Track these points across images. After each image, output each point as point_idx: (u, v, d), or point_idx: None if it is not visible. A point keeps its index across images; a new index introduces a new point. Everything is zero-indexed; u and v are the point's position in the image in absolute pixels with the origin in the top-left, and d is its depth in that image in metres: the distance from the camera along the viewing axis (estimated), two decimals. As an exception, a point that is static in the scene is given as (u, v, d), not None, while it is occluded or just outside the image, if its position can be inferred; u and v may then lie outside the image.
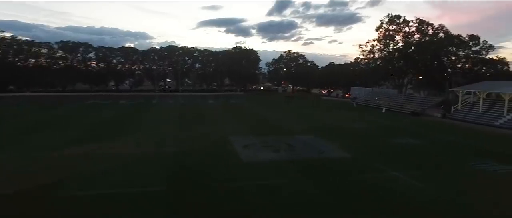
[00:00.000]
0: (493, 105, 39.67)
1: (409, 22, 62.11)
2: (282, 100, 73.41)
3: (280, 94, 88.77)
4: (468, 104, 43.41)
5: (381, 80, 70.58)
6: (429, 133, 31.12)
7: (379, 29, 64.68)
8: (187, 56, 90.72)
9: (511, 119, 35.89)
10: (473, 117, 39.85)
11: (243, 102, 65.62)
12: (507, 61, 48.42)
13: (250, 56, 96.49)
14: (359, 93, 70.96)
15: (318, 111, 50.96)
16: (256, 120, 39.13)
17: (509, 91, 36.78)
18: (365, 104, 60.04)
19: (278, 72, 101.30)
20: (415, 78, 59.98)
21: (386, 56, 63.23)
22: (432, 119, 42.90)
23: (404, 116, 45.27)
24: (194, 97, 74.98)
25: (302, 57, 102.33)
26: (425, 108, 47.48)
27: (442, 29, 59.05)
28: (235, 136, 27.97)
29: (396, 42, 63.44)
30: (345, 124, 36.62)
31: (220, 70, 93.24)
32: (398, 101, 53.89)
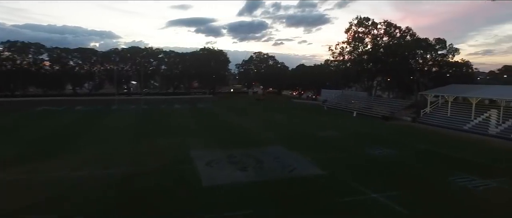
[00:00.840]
0: (461, 109, 39.79)
1: (378, 25, 62.14)
2: (252, 103, 71.17)
3: (251, 97, 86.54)
4: (436, 108, 43.44)
5: (351, 82, 70.24)
6: (402, 140, 30.04)
7: (348, 31, 64.11)
8: (152, 57, 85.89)
9: (479, 123, 35.93)
10: (442, 121, 39.73)
11: (211, 106, 62.56)
12: (471, 64, 49.52)
13: (219, 57, 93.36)
14: (330, 95, 70.38)
15: (288, 115, 49.14)
16: (223, 128, 36.43)
17: (476, 96, 36.84)
18: (336, 108, 59.21)
19: (248, 74, 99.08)
20: (384, 81, 60.04)
21: (355, 58, 62.82)
22: (403, 123, 42.44)
23: (375, 120, 44.53)
24: (159, 101, 70.76)
25: (272, 58, 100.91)
26: (395, 111, 47.15)
27: (409, 32, 59.51)
28: (199, 149, 25.16)
29: (365, 44, 63.24)
30: (317, 130, 34.89)
31: (187, 72, 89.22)
32: (369, 105, 53.41)
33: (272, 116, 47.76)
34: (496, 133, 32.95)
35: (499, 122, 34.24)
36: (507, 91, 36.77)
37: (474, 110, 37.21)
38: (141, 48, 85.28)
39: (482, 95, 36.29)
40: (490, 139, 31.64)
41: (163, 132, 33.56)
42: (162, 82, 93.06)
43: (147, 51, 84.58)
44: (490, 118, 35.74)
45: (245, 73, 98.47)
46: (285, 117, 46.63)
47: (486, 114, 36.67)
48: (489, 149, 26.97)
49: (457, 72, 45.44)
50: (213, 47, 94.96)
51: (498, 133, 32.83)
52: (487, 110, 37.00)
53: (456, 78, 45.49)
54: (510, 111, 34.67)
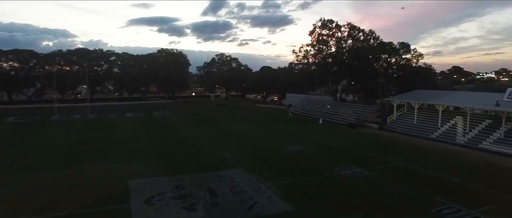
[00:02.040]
0: (427, 116, 38.73)
1: (341, 27, 60.90)
2: (214, 109, 66.85)
3: (213, 102, 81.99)
4: (402, 114, 42.24)
5: (316, 86, 68.64)
6: (374, 155, 27.62)
7: (312, 34, 62.31)
8: (103, 59, 78.31)
9: (446, 131, 34.84)
10: (409, 128, 38.40)
11: (168, 114, 57.36)
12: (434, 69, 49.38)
13: (179, 59, 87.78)
14: (295, 100, 67.97)
15: (251, 124, 45.64)
16: (176, 144, 31.93)
17: (442, 103, 35.76)
18: (301, 113, 56.78)
19: (210, 77, 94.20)
20: (349, 85, 58.82)
21: (320, 61, 61.05)
22: (370, 131, 40.64)
23: (342, 129, 42.38)
24: (110, 109, 64.05)
25: (235, 60, 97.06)
26: (361, 118, 45.46)
27: (372, 35, 58.89)
28: (141, 177, 20.70)
29: (329, 47, 61.70)
30: (281, 144, 31.65)
31: (144, 76, 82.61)
32: (334, 110, 51.47)
33: (234, 125, 43.96)
34: (464, 142, 31.83)
35: (465, 130, 33.27)
36: (472, 98, 36.11)
37: (441, 117, 36.16)
38: (90, 50, 77.36)
39: (448, 103, 35.31)
40: (459, 149, 30.33)
41: (103, 152, 28.41)
42: (116, 87, 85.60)
43: (97, 52, 76.85)
44: (456, 125, 34.79)
45: (207, 76, 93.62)
46: (247, 127, 43.04)
47: (452, 121, 35.75)
48: (462, 164, 25.26)
49: (421, 77, 44.75)
50: (171, 49, 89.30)
51: (466, 142, 31.73)
52: (453, 117, 36.10)
53: (420, 82, 44.71)
54: (475, 118, 33.83)
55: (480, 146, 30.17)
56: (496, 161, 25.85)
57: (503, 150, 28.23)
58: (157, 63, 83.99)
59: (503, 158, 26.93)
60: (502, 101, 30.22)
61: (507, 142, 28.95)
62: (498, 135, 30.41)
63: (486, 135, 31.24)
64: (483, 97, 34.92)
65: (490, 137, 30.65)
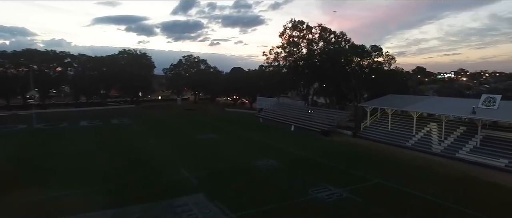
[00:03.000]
0: (402, 122, 37.43)
1: (312, 29, 58.92)
2: (180, 114, 62.66)
3: (180, 106, 77.40)
4: (376, 120, 40.78)
5: (287, 89, 66.39)
6: (350, 171, 25.30)
7: (283, 35, 59.83)
8: (57, 62, 71.28)
9: (421, 139, 33.53)
10: (383, 136, 36.87)
11: (128, 122, 52.55)
12: (406, 73, 48.56)
13: (142, 60, 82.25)
14: (266, 103, 65.36)
15: (218, 132, 42.29)
16: (130, 162, 27.85)
17: (416, 110, 34.42)
18: (272, 119, 54.22)
19: (178, 79, 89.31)
20: (321, 88, 57.00)
21: (291, 64, 58.74)
22: (344, 139, 38.69)
23: (315, 137, 40.14)
24: (64, 116, 57.96)
25: (203, 62, 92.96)
26: (334, 124, 43.55)
27: (344, 37, 57.48)
28: (76, 213, 16.81)
29: (300, 49, 59.57)
30: (250, 158, 28.63)
31: (104, 79, 76.25)
32: (307, 116, 49.31)
33: (199, 135, 40.37)
34: (440, 151, 30.53)
35: (441, 137, 32.06)
36: (446, 104, 35.09)
37: (415, 123, 34.85)
38: (40, 51, 70.01)
39: (424, 110, 34.01)
40: (436, 159, 28.91)
41: (39, 175, 23.91)
42: (73, 91, 78.36)
43: (49, 54, 69.70)
44: (431, 132, 33.57)
45: (174, 79, 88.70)
46: (214, 137, 39.63)
47: (426, 128, 34.54)
48: (444, 180, 23.55)
49: (394, 81, 43.63)
50: (134, 50, 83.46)
51: (442, 151, 30.45)
52: (427, 123, 34.93)
53: (393, 86, 43.55)
54: (449, 124, 32.73)
55: (457, 155, 28.93)
56: (475, 173, 24.49)
57: (480, 159, 27.05)
58: (119, 65, 78.06)
59: (481, 169, 25.69)
60: (477, 108, 29.15)
61: (483, 151, 27.86)
62: (474, 143, 29.33)
63: (461, 143, 30.11)
64: (457, 104, 33.98)
65: (466, 145, 29.52)
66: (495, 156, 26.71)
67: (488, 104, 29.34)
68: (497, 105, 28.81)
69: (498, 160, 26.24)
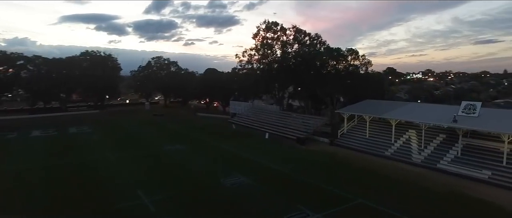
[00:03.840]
0: (380, 129, 35.92)
1: (287, 30, 56.78)
2: (146, 121, 58.40)
3: (148, 111, 72.68)
4: (354, 127, 39.10)
5: (261, 93, 63.94)
6: (328, 187, 23.03)
7: (256, 37, 57.28)
8: (8, 64, 64.56)
9: (400, 148, 32.04)
10: (361, 144, 35.16)
11: (88, 131, 47.82)
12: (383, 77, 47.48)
13: (107, 62, 76.77)
14: (240, 108, 62.47)
15: (187, 142, 38.97)
16: (80, 183, 23.98)
17: (395, 117, 32.88)
18: (246, 125, 51.48)
19: (147, 82, 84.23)
20: (296, 92, 54.99)
21: (265, 67, 56.30)
22: (321, 147, 36.61)
23: (290, 145, 37.83)
24: (14, 124, 52.16)
25: (174, 64, 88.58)
26: (311, 131, 41.48)
27: (319, 39, 55.82)
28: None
29: (274, 51, 57.26)
30: (220, 173, 25.67)
31: (65, 82, 70.11)
32: (282, 122, 46.99)
33: (166, 146, 36.83)
34: (421, 161, 29.10)
35: (421, 146, 30.69)
36: (425, 111, 33.84)
37: (394, 131, 33.35)
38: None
39: (403, 118, 32.49)
40: (418, 171, 27.41)
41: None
42: (29, 96, 71.44)
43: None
44: (411, 140, 32.22)
45: (142, 81, 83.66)
46: (181, 148, 36.26)
47: (405, 135, 33.17)
48: (429, 196, 21.79)
49: (371, 85, 42.25)
50: (98, 51, 77.68)
51: (423, 161, 29.02)
52: (406, 130, 33.57)
53: (370, 90, 42.13)
54: (429, 132, 31.41)
55: (438, 165, 27.56)
56: (460, 187, 23.02)
57: (463, 171, 25.75)
58: (81, 68, 72.26)
59: (465, 182, 24.36)
60: (458, 116, 27.93)
61: (465, 161, 26.62)
62: (455, 152, 28.08)
63: (442, 152, 28.81)
64: (436, 111, 32.73)
65: (447, 155, 28.23)
66: (477, 167, 25.49)
67: (468, 112, 28.21)
68: (477, 113, 27.72)
69: (481, 171, 25.00)
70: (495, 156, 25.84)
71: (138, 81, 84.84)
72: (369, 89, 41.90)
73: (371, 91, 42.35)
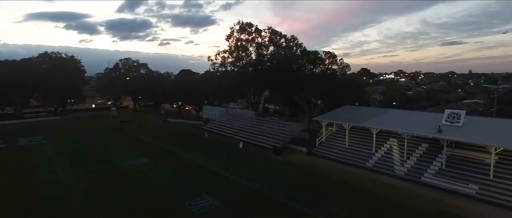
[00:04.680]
0: (360, 137, 34.00)
1: (262, 32, 54.22)
2: (112, 128, 53.83)
3: (114, 117, 67.56)
4: (332, 134, 37.06)
5: (236, 97, 61.05)
6: (309, 210, 20.51)
7: (230, 38, 54.30)
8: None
9: (382, 158, 30.21)
10: (341, 154, 33.10)
11: (42, 141, 42.88)
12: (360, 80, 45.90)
13: (69, 64, 70.90)
14: (213, 113, 59.12)
15: (151, 154, 35.37)
16: (14, 216, 20.06)
17: (376, 126, 30.95)
18: (219, 132, 48.38)
19: (114, 85, 78.66)
20: (272, 97, 52.56)
21: (239, 70, 53.43)
22: (299, 158, 34.23)
23: (266, 156, 35.18)
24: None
25: (144, 66, 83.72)
26: (287, 139, 39.03)
27: (295, 41, 53.71)
28: None
29: (249, 53, 54.52)
30: (183, 196, 22.53)
31: (20, 86, 63.65)
32: (257, 129, 44.30)
33: (128, 160, 33.02)
34: (404, 173, 27.34)
35: (403, 156, 28.97)
36: (407, 119, 32.18)
37: (375, 140, 31.49)
38: None
39: (384, 127, 30.51)
40: (402, 185, 25.60)
41: None
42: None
43: None
44: (392, 150, 30.45)
45: (108, 85, 78.14)
46: (146, 162, 32.63)
47: (386, 145, 31.39)
48: (416, 216, 19.79)
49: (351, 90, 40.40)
50: (59, 53, 71.54)
51: (406, 173, 27.27)
52: (387, 139, 31.79)
53: (349, 96, 40.29)
54: (410, 141, 29.66)
55: (422, 179, 25.85)
56: (448, 205, 21.27)
57: (448, 185, 24.12)
58: (40, 70, 66.10)
59: (452, 198, 22.73)
60: (442, 125, 26.36)
61: (450, 173, 25.04)
62: (439, 164, 26.51)
63: (425, 164, 27.17)
64: (419, 119, 31.17)
65: (431, 167, 26.60)
66: (463, 180, 23.93)
67: (452, 121, 26.73)
68: (462, 122, 26.27)
69: (468, 185, 23.44)
70: (481, 168, 24.42)
71: (104, 85, 79.23)
72: (347, 94, 40.05)
73: (350, 96, 40.56)
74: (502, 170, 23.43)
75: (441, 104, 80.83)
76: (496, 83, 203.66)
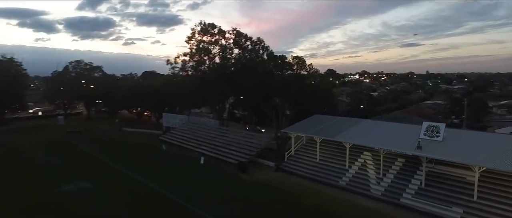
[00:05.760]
0: (332, 151, 31.22)
1: (226, 33, 50.21)
2: (57, 141, 47.19)
3: (61, 127, 60.13)
4: (303, 147, 34.02)
5: (198, 105, 56.60)
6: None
7: (191, 40, 49.74)
8: None
9: (356, 175, 27.52)
10: (312, 170, 30.06)
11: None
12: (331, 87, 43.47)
13: (8, 68, 62.42)
14: (174, 121, 54.21)
15: (94, 176, 30.22)
16: None
17: (349, 141, 28.16)
18: (179, 144, 43.86)
19: (64, 90, 70.54)
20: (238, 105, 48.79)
21: (202, 75, 49.00)
22: (266, 175, 30.74)
23: (229, 174, 31.33)
24: None
25: (98, 69, 76.48)
26: (254, 153, 35.48)
27: (261, 44, 50.23)
28: None
29: (213, 57, 50.27)
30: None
31: None
32: (221, 140, 40.37)
33: (64, 183, 27.66)
34: (381, 193, 24.76)
35: (379, 173, 26.45)
36: (382, 131, 29.66)
37: (348, 154, 28.74)
38: None
39: (359, 142, 27.74)
40: (380, 208, 22.94)
41: None
42: None
43: None
44: (367, 166, 27.85)
45: (55, 90, 70.04)
46: (85, 186, 27.48)
47: (360, 159, 28.79)
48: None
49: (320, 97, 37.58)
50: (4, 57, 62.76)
51: (383, 193, 24.71)
52: (361, 153, 29.20)
53: (319, 104, 37.48)
54: (387, 156, 27.14)
55: (402, 200, 23.39)
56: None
57: (430, 207, 21.80)
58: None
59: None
60: (422, 139, 24.05)
61: (431, 194, 22.77)
62: (418, 182, 24.19)
63: (404, 182, 24.77)
64: (395, 131, 28.68)
65: (409, 186, 24.24)
66: (446, 202, 21.69)
67: (431, 135, 24.53)
68: (441, 136, 24.11)
69: (451, 208, 21.20)
70: (464, 188, 22.31)
71: (52, 90, 71.09)
72: (317, 102, 37.25)
73: (320, 104, 37.82)
74: (487, 190, 21.44)
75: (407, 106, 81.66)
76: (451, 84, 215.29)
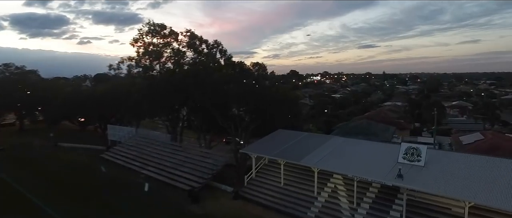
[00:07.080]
0: (298, 174, 27.12)
1: (179, 35, 44.47)
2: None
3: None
4: (265, 168, 29.68)
5: (146, 116, 50.16)
6: None
7: (137, 43, 43.38)
8: None
9: (327, 204, 23.67)
10: (275, 197, 25.78)
11: None
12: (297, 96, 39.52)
13: None
14: (121, 134, 47.48)
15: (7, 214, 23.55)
16: None
17: (318, 166, 24.09)
18: (124, 163, 37.69)
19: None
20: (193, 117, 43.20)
21: (149, 83, 42.77)
22: (222, 207, 25.81)
23: (177, 206, 26.05)
24: None
25: (33, 73, 66.77)
26: (210, 176, 30.47)
27: (218, 47, 45.10)
28: None
29: (164, 62, 44.31)
30: None
31: None
32: (172, 160, 34.92)
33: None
34: (356, 228, 21.01)
35: (352, 202, 22.78)
36: (355, 152, 25.90)
37: (316, 179, 24.81)
38: None
39: (327, 167, 23.77)
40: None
41: None
42: None
43: None
44: (338, 192, 24.12)
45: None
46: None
47: (330, 184, 25.03)
48: None
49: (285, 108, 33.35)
50: None
51: (359, 228, 20.98)
52: (330, 176, 25.42)
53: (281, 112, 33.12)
54: (361, 182, 23.52)
55: (381, 238, 19.76)
56: None
57: (414, 248, 18.30)
58: None
59: None
60: (402, 164, 20.66)
61: (413, 229, 19.38)
62: (398, 213, 20.81)
63: (381, 214, 21.27)
64: (369, 152, 24.99)
65: (388, 217, 20.74)
66: (432, 241, 18.35)
67: (411, 158, 21.21)
68: (423, 161, 20.85)
69: (438, 248, 17.88)
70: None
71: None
72: (281, 114, 33.06)
73: (284, 114, 33.65)
74: (477, 225, 18.44)
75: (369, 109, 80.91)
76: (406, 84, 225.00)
